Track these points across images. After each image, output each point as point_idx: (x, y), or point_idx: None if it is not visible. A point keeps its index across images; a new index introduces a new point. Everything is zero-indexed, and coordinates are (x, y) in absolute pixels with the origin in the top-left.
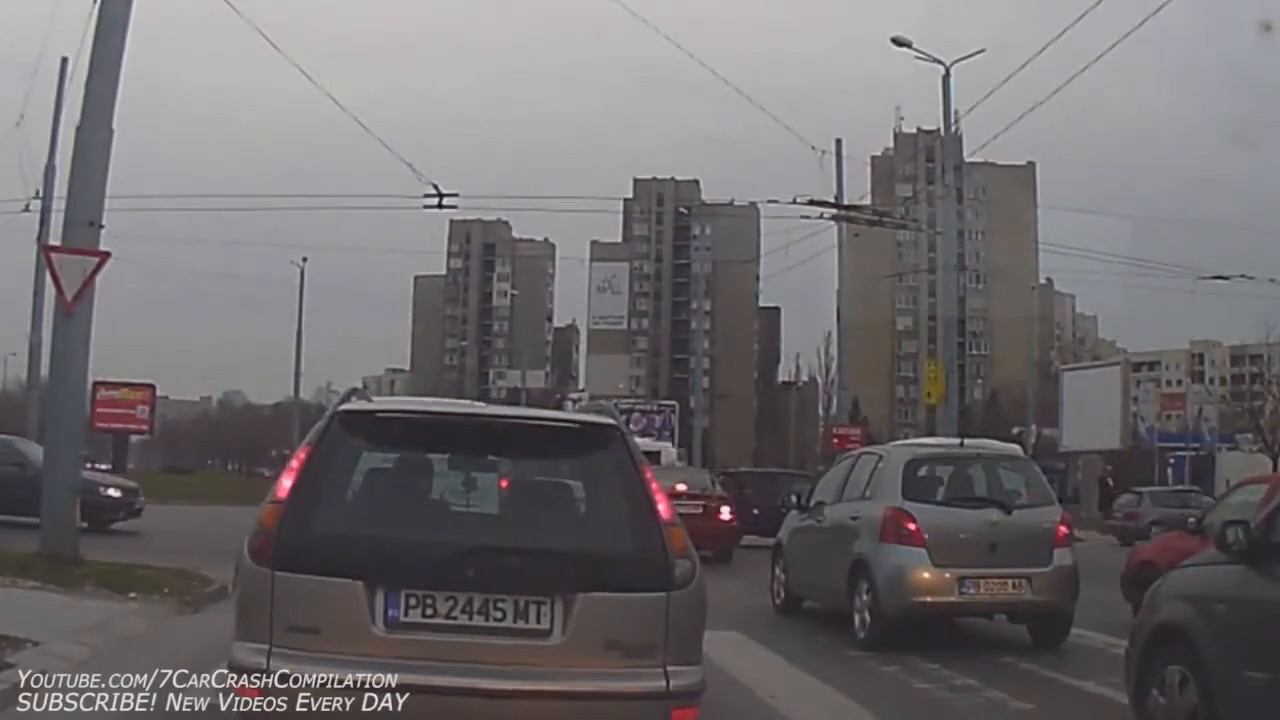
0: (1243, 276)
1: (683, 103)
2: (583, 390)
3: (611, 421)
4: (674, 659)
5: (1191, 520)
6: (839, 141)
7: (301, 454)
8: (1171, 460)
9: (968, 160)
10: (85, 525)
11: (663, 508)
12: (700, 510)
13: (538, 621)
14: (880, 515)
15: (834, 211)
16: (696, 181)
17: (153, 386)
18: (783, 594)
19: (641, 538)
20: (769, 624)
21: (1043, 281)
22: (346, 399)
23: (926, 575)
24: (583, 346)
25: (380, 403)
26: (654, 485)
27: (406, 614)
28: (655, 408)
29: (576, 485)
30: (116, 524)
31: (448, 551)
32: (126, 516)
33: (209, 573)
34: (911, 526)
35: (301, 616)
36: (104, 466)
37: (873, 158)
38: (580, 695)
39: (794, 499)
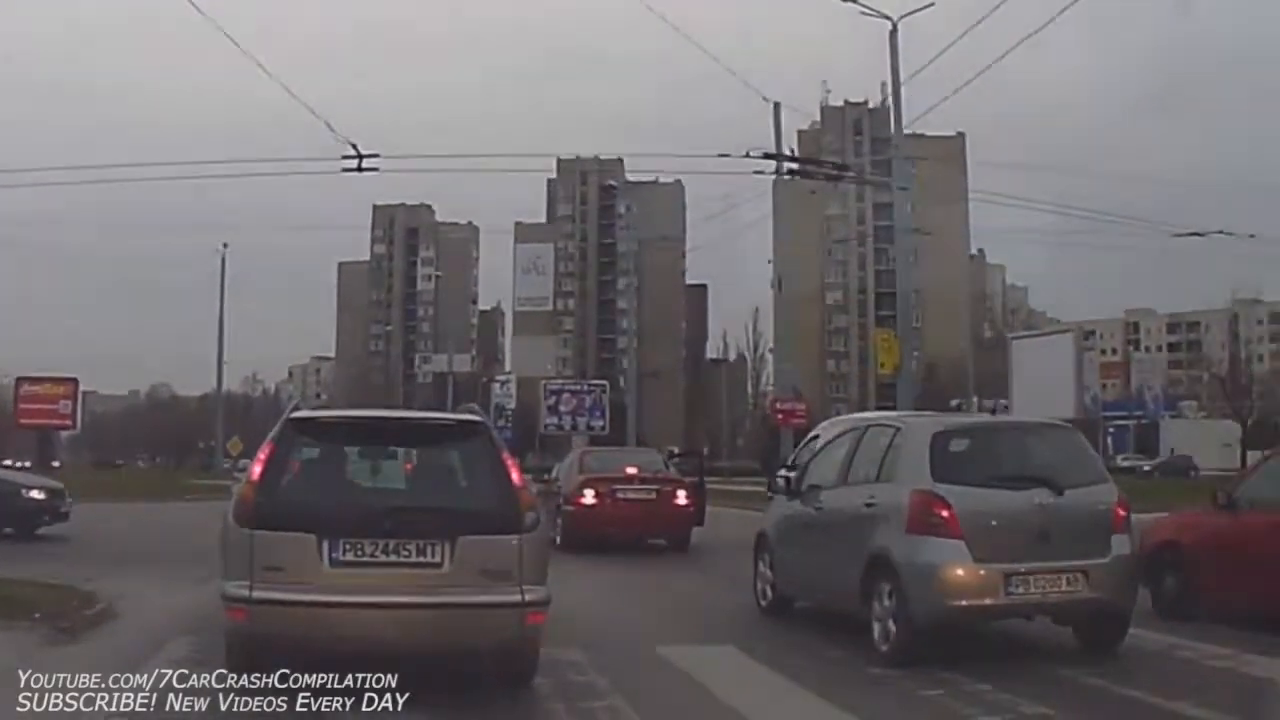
0: (1221, 233)
1: (606, 81)
2: (509, 373)
3: (480, 419)
4: (527, 580)
5: (1221, 495)
6: (777, 105)
7: (266, 449)
8: (1111, 429)
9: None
10: (10, 531)
11: (515, 476)
12: (654, 495)
13: (432, 556)
14: (905, 501)
15: (790, 166)
16: (620, 160)
17: (76, 381)
18: (770, 594)
19: (501, 499)
20: (764, 633)
21: (974, 252)
22: (296, 408)
23: (966, 573)
24: (508, 329)
25: (320, 411)
26: (509, 462)
27: (344, 554)
28: (585, 388)
29: (456, 464)
30: (42, 529)
31: (370, 511)
32: (52, 521)
33: (98, 587)
34: (945, 514)
35: (272, 560)
36: (24, 464)
37: (799, 131)
38: (463, 606)
39: (781, 482)
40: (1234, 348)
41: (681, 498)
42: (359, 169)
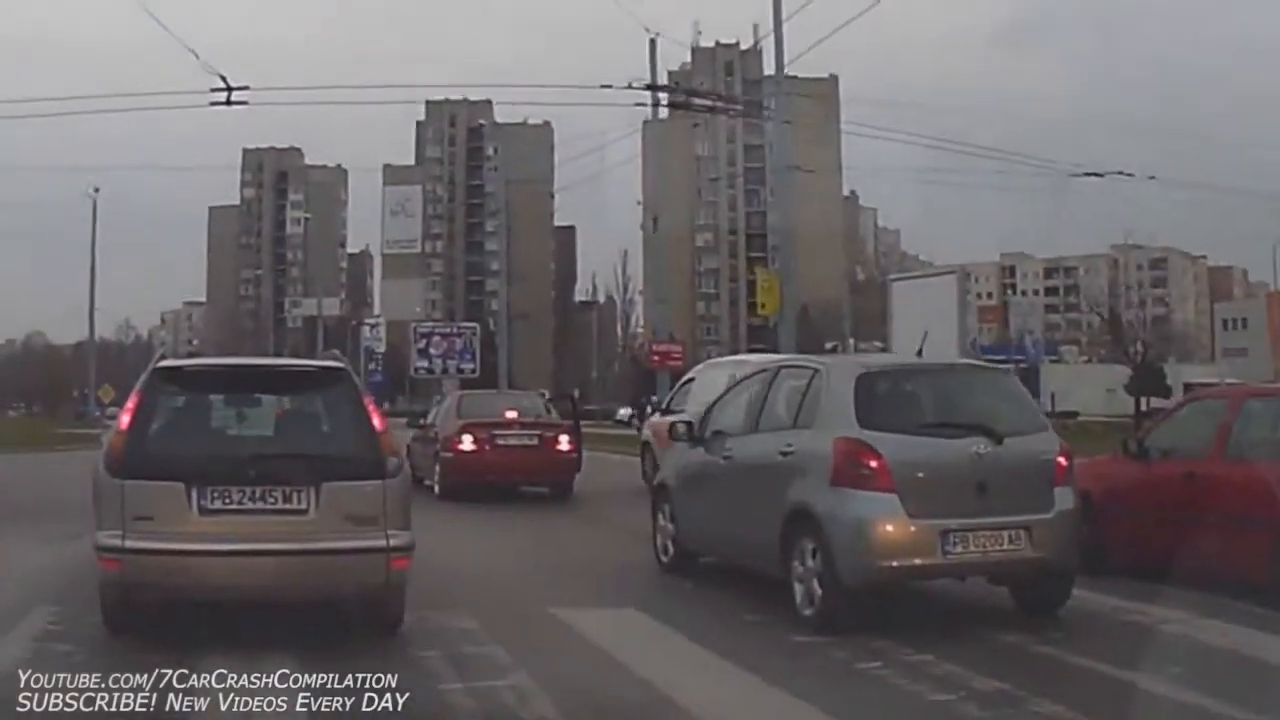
0: (1120, 174)
1: (479, 23)
2: (378, 317)
3: (341, 365)
4: (392, 525)
5: (1131, 442)
6: (653, 41)
7: (134, 399)
8: None
9: (768, 74)
10: None
11: (377, 422)
12: (535, 441)
13: (298, 503)
14: (829, 449)
15: (674, 98)
16: (489, 102)
17: None
18: (671, 549)
19: (364, 444)
20: (668, 594)
21: (846, 195)
22: (162, 357)
23: (899, 530)
24: (377, 272)
25: (185, 360)
26: (371, 407)
27: (212, 503)
28: (455, 330)
29: (320, 410)
30: None
31: (236, 459)
32: None
33: None
34: (874, 463)
35: (142, 509)
36: None
37: (670, 72)
38: (329, 552)
39: (683, 428)
40: (1115, 293)
41: (564, 443)
42: (228, 102)
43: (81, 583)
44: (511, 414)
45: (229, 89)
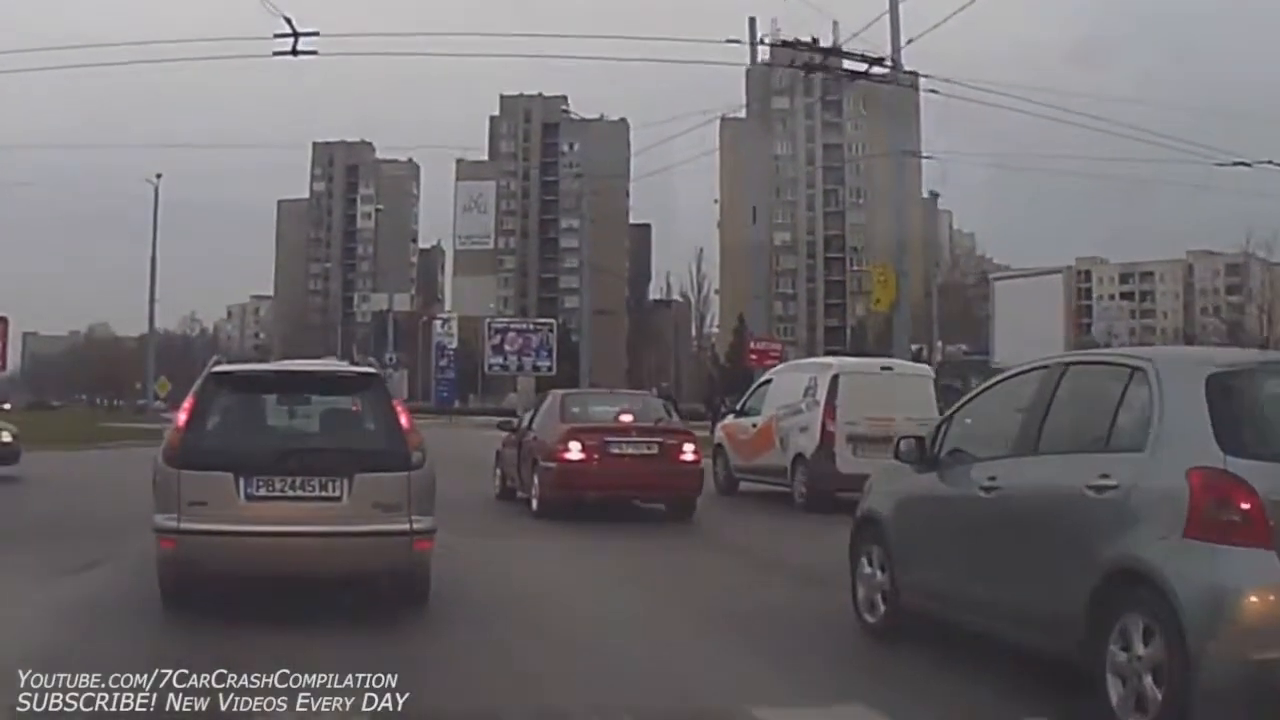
0: (1270, 163)
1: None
2: (450, 312)
3: (374, 371)
4: (415, 511)
5: None
6: (752, 20)
7: (190, 400)
8: None
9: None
10: None
11: (404, 420)
12: (655, 450)
13: (333, 491)
14: (1181, 484)
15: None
16: (564, 97)
17: (5, 319)
18: (881, 606)
19: (391, 440)
20: (901, 677)
21: (924, 196)
22: (217, 362)
23: None
24: (448, 267)
25: (236, 366)
26: (399, 408)
27: (258, 490)
28: (531, 327)
29: (355, 409)
30: None
31: (280, 452)
32: None
33: None
34: (1247, 506)
35: (196, 495)
36: None
37: (747, 70)
38: (359, 534)
39: (911, 445)
40: (1190, 298)
41: (689, 453)
42: (294, 51)
43: (82, 638)
44: (626, 417)
45: (295, 34)
